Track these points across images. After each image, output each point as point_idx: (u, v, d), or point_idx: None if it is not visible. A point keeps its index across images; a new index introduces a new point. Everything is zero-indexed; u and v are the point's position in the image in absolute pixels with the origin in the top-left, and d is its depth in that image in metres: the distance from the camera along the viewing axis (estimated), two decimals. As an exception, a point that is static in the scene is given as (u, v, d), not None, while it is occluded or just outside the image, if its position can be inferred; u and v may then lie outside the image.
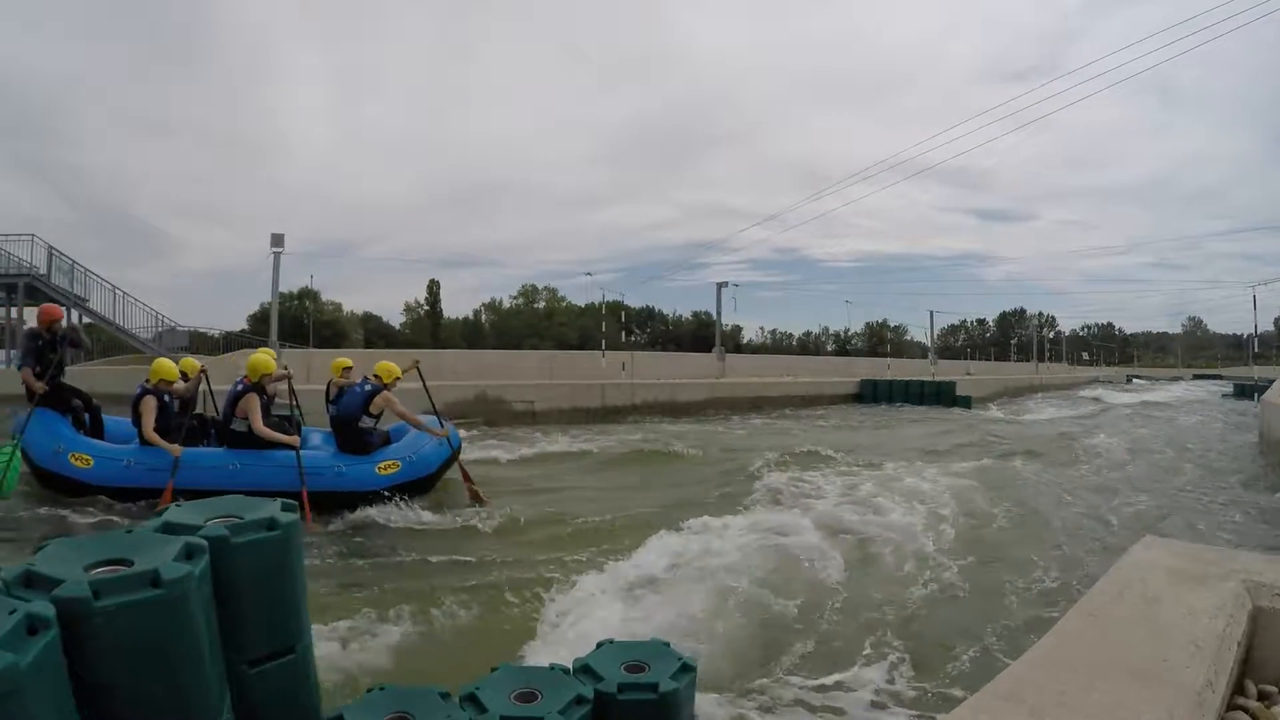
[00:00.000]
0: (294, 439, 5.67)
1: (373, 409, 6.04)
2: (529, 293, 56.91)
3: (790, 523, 5.00)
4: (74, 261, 19.32)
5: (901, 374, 25.58)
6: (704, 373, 18.61)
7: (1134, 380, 57.75)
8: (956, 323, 77.34)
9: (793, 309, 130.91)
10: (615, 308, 54.09)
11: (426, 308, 55.30)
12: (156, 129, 76.03)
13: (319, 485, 5.59)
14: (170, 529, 1.35)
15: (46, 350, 5.93)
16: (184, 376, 6.10)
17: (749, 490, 6.41)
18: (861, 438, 11.35)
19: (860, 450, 9.10)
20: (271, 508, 1.52)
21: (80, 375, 16.50)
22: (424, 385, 6.90)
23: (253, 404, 5.58)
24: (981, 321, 79.21)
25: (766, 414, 15.03)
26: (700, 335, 64.66)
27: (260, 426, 5.57)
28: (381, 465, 5.96)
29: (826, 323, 74.20)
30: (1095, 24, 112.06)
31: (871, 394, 19.66)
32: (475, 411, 12.40)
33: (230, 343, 24.97)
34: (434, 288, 55.00)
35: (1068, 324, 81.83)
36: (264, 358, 5.85)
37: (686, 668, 1.60)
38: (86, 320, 20.46)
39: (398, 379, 6.22)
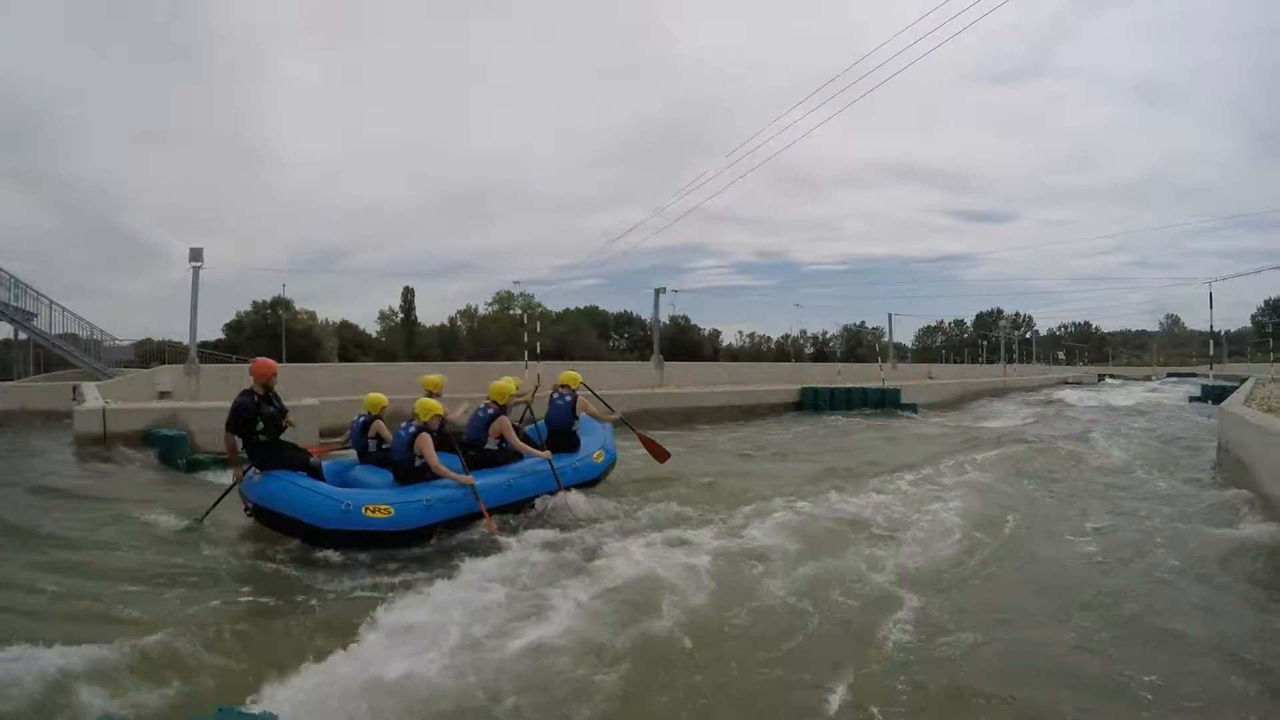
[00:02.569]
0: (547, 452, 6.59)
1: (577, 413, 7.34)
2: (504, 299, 56.75)
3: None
4: (14, 277, 19.16)
5: (855, 380, 25.55)
6: (643, 382, 18.58)
7: (1105, 380, 58.02)
8: (934, 324, 77.93)
9: (780, 312, 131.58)
10: (546, 315, 54.13)
11: (401, 315, 55.17)
12: (144, 135, 75.44)
13: (569, 481, 6.62)
14: None
15: (263, 407, 5.62)
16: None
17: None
18: (757, 463, 10.44)
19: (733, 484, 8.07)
20: None
21: (13, 392, 16.42)
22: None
23: (506, 424, 6.49)
24: (959, 322, 79.76)
25: (693, 427, 14.94)
26: (678, 340, 64.77)
27: (518, 442, 6.49)
28: (595, 455, 7.15)
29: (814, 325, 74.43)
30: (1084, 23, 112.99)
31: (812, 402, 19.47)
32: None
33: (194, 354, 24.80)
34: (408, 295, 54.91)
35: (1046, 323, 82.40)
36: (505, 383, 6.82)
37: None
38: (25, 337, 20.42)
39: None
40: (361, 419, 6.60)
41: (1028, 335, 69.27)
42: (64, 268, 63.01)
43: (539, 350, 18.45)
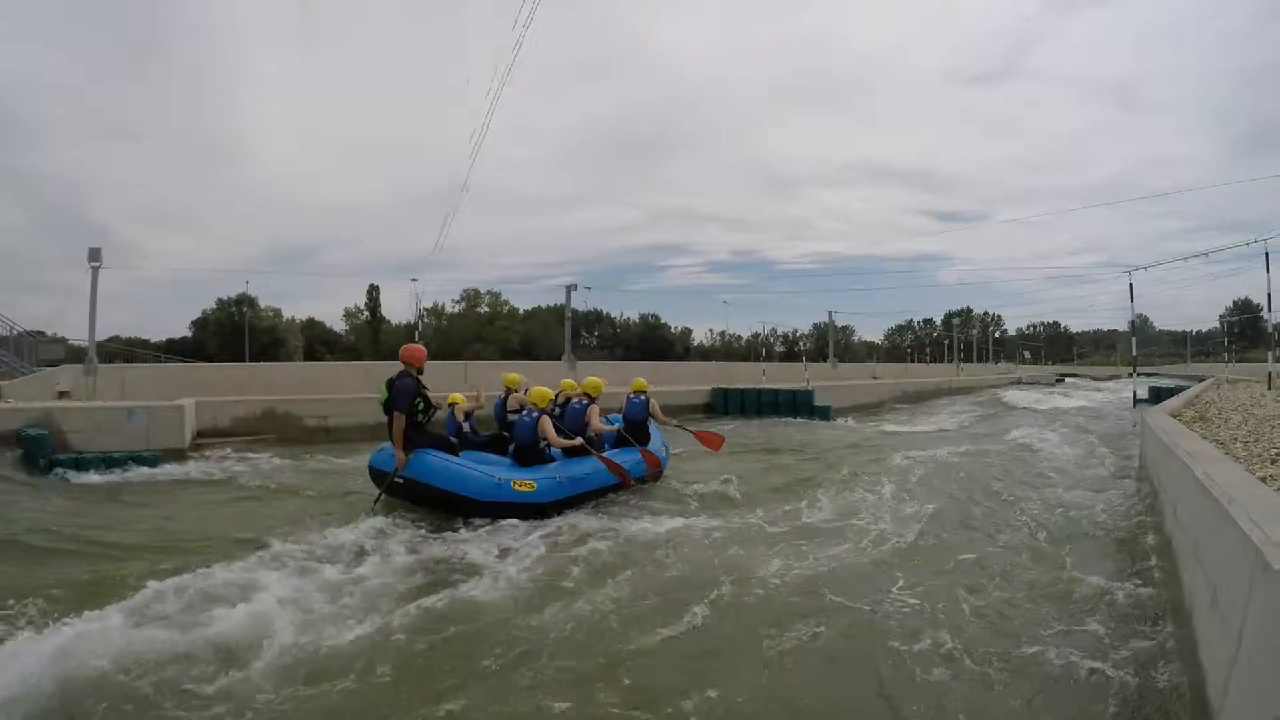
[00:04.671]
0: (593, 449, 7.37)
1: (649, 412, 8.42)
2: (471, 297, 57.08)
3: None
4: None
5: (786, 381, 25.73)
6: (553, 381, 18.88)
7: (1064, 380, 58.34)
8: (904, 323, 78.64)
9: (759, 310, 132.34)
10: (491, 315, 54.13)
11: (367, 314, 55.44)
12: (116, 132, 75.20)
13: (646, 469, 7.78)
14: None
15: (421, 388, 6.20)
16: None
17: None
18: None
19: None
20: None
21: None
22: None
23: (596, 414, 7.49)
24: (928, 321, 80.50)
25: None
26: (648, 338, 65.18)
27: (601, 428, 7.54)
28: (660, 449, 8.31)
29: (788, 324, 75.03)
30: (1060, 26, 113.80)
31: (723, 404, 19.76)
32: (265, 428, 12.63)
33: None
34: (373, 293, 55.20)
35: (1016, 323, 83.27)
36: (595, 380, 7.94)
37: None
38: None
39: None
40: (450, 414, 7.68)
41: (997, 334, 70.11)
42: (33, 264, 63.00)
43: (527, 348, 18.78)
